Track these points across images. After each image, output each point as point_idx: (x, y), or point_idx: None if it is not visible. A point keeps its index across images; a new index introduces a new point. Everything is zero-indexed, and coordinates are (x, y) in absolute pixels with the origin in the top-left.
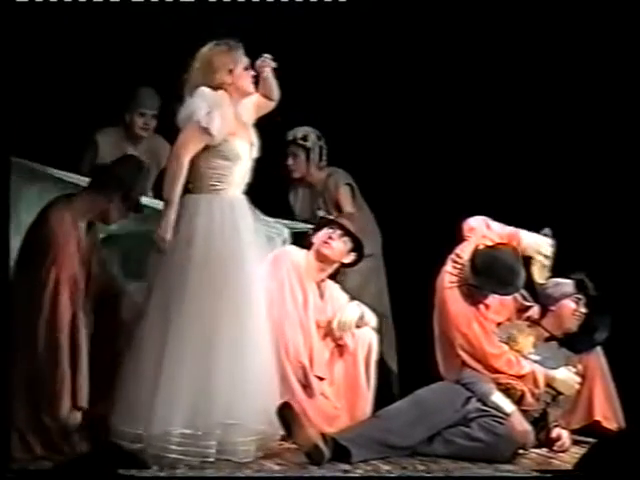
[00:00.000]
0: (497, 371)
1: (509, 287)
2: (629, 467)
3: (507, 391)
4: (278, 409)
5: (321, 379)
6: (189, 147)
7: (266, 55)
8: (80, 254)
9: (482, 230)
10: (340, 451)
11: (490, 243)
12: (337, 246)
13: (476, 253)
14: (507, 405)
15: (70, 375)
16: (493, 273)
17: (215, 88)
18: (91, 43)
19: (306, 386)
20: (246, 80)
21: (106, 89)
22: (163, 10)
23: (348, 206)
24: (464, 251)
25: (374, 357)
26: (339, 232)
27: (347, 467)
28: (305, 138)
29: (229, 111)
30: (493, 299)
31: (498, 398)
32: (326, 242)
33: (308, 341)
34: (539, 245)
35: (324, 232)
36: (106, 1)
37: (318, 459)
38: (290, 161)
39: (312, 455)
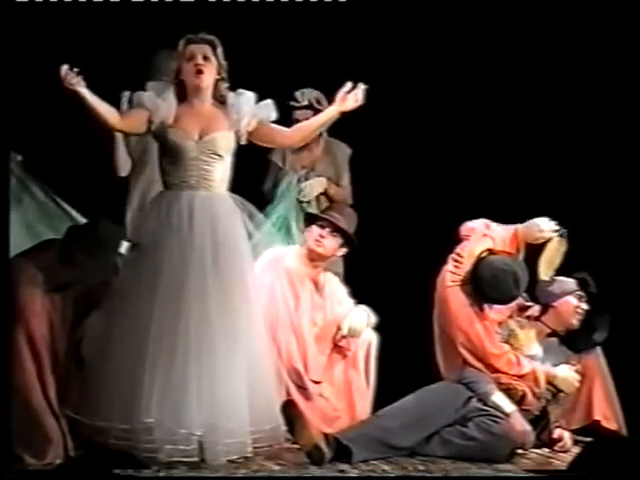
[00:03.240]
0: (498, 370)
1: (510, 297)
2: (623, 467)
3: (508, 391)
4: (282, 407)
5: (317, 383)
6: (127, 112)
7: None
8: (47, 312)
9: (482, 229)
10: (341, 451)
11: (491, 245)
12: (329, 243)
13: (478, 263)
14: (507, 405)
15: (59, 427)
16: (495, 284)
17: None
18: (91, 43)
19: (303, 389)
20: (188, 74)
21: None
22: (164, 10)
23: (346, 180)
24: (465, 250)
25: (373, 356)
26: (329, 229)
27: (347, 467)
28: (319, 102)
29: (169, 98)
30: None
31: (498, 398)
32: (318, 241)
33: (302, 346)
34: (537, 225)
35: (315, 230)
36: (106, 1)
37: (319, 459)
38: None
39: (313, 455)
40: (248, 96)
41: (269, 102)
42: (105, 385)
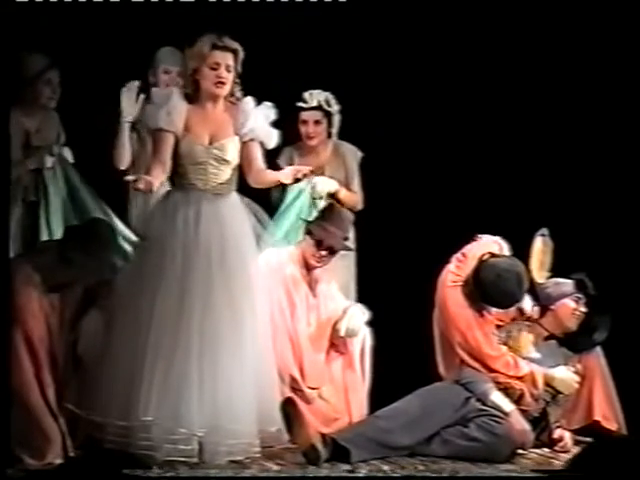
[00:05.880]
0: (495, 371)
1: (513, 298)
2: (623, 467)
3: (506, 390)
4: (281, 404)
5: (314, 389)
6: (160, 152)
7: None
8: (45, 313)
9: (493, 238)
10: (340, 451)
11: (497, 251)
12: (329, 259)
13: (480, 265)
14: (506, 404)
15: (57, 427)
16: (499, 285)
17: (184, 81)
18: (92, 42)
19: (300, 391)
20: (208, 81)
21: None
22: (165, 10)
23: (357, 184)
24: (470, 251)
25: (368, 351)
26: (327, 251)
27: (347, 467)
28: (329, 103)
29: (179, 106)
30: None
31: (497, 397)
32: (317, 258)
33: (298, 354)
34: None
35: (314, 249)
36: (106, 1)
37: (314, 459)
38: (311, 128)
39: (309, 455)
40: (263, 112)
41: (276, 132)
42: (103, 382)
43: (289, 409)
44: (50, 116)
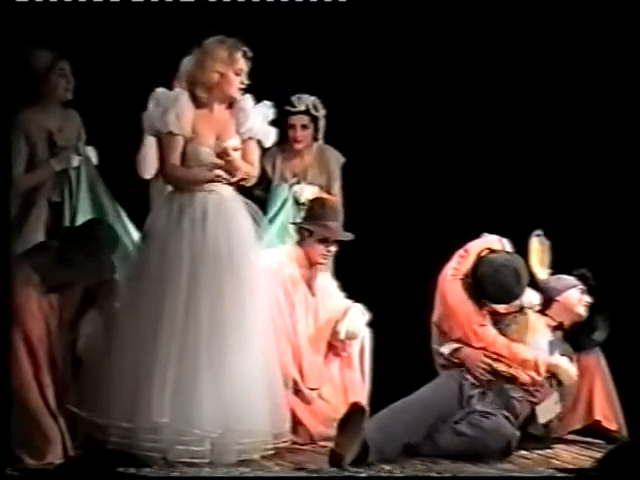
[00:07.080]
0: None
1: (512, 293)
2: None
3: (510, 381)
4: (351, 407)
5: (314, 389)
6: (172, 156)
7: None
8: (44, 313)
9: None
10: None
11: (499, 248)
12: (333, 253)
13: (479, 261)
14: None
15: (57, 427)
16: (497, 280)
17: (201, 84)
18: (92, 43)
19: (301, 391)
20: (232, 86)
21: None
22: (165, 10)
23: (337, 188)
24: (472, 247)
25: (368, 351)
26: (333, 246)
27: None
28: (316, 107)
29: (187, 109)
30: None
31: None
32: (325, 255)
33: (297, 356)
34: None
35: (320, 247)
36: (106, 1)
37: (336, 464)
38: (298, 132)
39: (335, 457)
40: (262, 111)
41: (273, 131)
42: (106, 383)
43: (355, 414)
44: (70, 114)
